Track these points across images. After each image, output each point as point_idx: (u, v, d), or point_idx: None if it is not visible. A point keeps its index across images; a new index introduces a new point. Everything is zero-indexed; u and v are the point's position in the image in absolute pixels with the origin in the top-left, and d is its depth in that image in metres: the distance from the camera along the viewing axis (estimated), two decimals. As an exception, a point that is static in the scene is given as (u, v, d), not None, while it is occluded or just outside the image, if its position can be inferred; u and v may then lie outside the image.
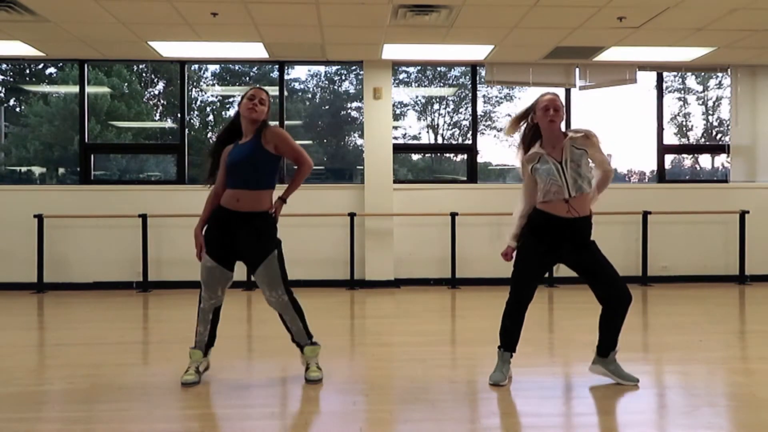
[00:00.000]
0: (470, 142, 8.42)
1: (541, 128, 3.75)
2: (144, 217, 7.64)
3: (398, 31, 6.59)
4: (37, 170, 8.80)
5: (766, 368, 4.21)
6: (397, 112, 8.77)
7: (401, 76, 8.82)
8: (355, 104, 8.97)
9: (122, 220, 7.75)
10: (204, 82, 9.09)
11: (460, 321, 6.33)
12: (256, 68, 8.79)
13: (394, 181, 8.07)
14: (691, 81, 9.11)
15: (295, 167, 3.87)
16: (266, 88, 4.12)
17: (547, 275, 7.17)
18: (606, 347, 3.80)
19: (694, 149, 9.24)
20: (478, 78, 8.32)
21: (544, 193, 3.70)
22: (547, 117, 3.67)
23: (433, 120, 9.22)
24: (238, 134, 3.90)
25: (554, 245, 3.71)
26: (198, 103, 9.09)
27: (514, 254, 3.84)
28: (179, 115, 8.16)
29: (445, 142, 9.15)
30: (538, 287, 3.90)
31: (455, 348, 5.04)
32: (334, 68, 8.84)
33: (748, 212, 8.01)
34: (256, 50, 7.41)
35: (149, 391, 3.69)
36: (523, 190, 3.84)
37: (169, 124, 8.95)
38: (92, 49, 7.39)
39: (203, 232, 3.87)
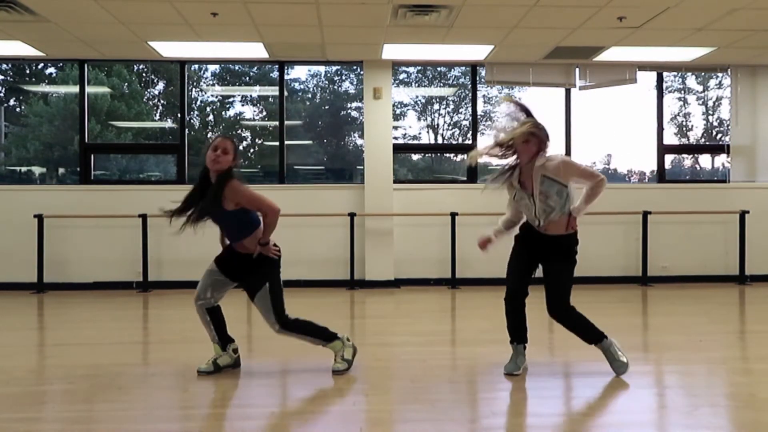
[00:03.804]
0: (470, 142, 8.42)
1: (518, 154, 3.80)
2: (144, 217, 7.64)
3: (398, 31, 6.59)
4: (37, 170, 8.79)
5: (766, 368, 4.21)
6: (397, 112, 8.77)
7: (401, 76, 8.82)
8: (355, 104, 8.97)
9: (122, 220, 7.75)
10: (204, 82, 9.09)
11: (460, 321, 6.33)
12: (256, 68, 8.78)
13: (394, 181, 8.07)
14: (691, 81, 9.11)
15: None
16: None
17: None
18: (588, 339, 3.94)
19: (694, 149, 9.23)
20: (478, 78, 8.32)
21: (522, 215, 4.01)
22: (521, 141, 3.74)
23: (433, 120, 9.22)
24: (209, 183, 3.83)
25: (532, 249, 3.93)
26: (198, 103, 9.09)
27: (489, 246, 4.13)
28: (179, 115, 8.16)
29: (445, 142, 9.15)
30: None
31: (455, 348, 5.04)
32: (334, 68, 8.84)
33: (748, 212, 8.01)
34: (256, 50, 7.41)
35: (149, 391, 3.69)
36: (508, 202, 4.06)
37: (169, 124, 8.95)
38: (92, 49, 7.39)
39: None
